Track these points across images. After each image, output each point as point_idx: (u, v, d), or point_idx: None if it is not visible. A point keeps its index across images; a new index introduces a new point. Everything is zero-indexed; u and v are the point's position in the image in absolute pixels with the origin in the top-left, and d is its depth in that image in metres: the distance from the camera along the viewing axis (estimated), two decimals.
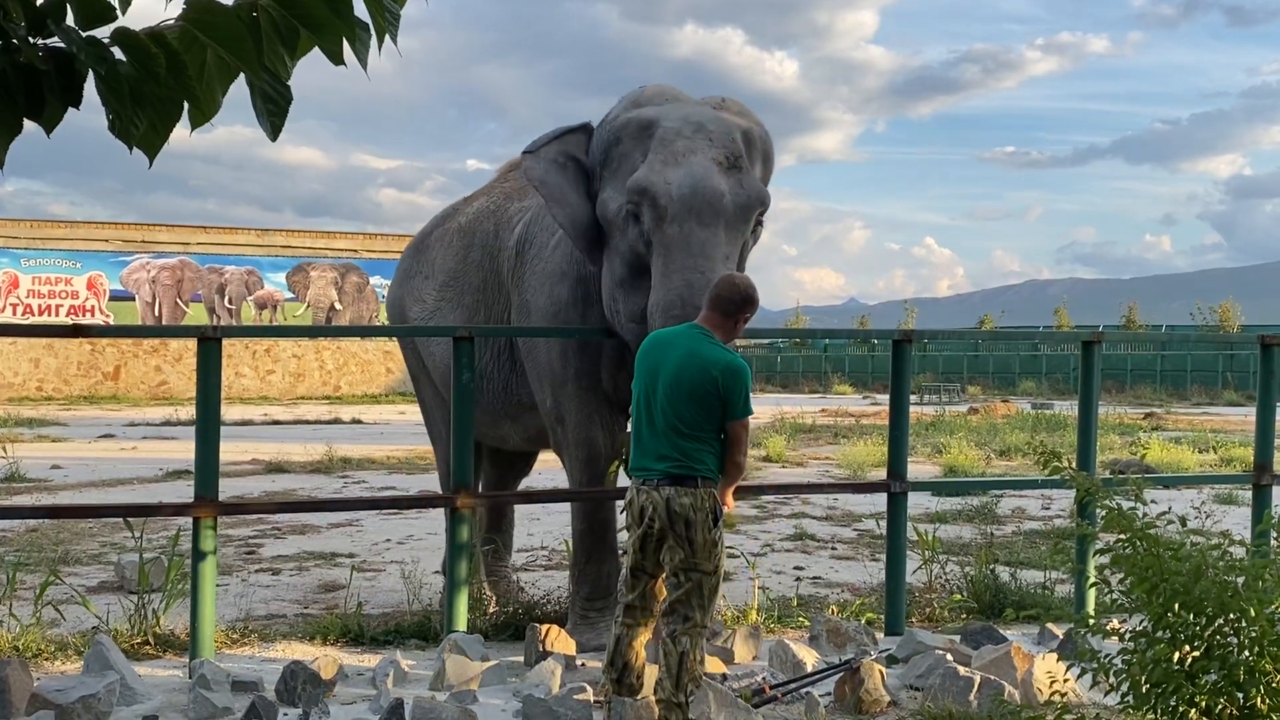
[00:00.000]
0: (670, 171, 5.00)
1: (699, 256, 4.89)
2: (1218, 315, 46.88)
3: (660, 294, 4.90)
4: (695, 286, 4.79)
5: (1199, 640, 3.51)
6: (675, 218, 4.93)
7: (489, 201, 6.59)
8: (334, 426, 23.46)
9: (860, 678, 4.79)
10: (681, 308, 4.77)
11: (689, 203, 4.92)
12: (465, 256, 6.51)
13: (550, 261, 5.83)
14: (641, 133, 5.26)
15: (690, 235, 4.91)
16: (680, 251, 4.91)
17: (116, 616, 5.93)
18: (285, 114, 2.29)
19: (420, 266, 7.01)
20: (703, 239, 4.92)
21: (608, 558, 5.83)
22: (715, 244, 4.94)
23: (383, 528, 9.84)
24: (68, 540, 8.93)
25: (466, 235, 6.56)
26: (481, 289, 6.38)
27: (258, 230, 38.90)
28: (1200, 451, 16.28)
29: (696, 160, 5.04)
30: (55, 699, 4.39)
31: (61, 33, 2.13)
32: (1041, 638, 5.93)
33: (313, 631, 5.98)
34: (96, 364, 35.86)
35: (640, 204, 5.02)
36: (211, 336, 5.39)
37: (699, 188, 4.95)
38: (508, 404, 6.32)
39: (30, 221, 36.66)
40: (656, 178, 4.99)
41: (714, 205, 4.96)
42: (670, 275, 4.89)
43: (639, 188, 5.02)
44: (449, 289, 6.60)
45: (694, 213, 4.93)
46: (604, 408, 5.78)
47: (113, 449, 17.53)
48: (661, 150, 5.10)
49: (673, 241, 4.93)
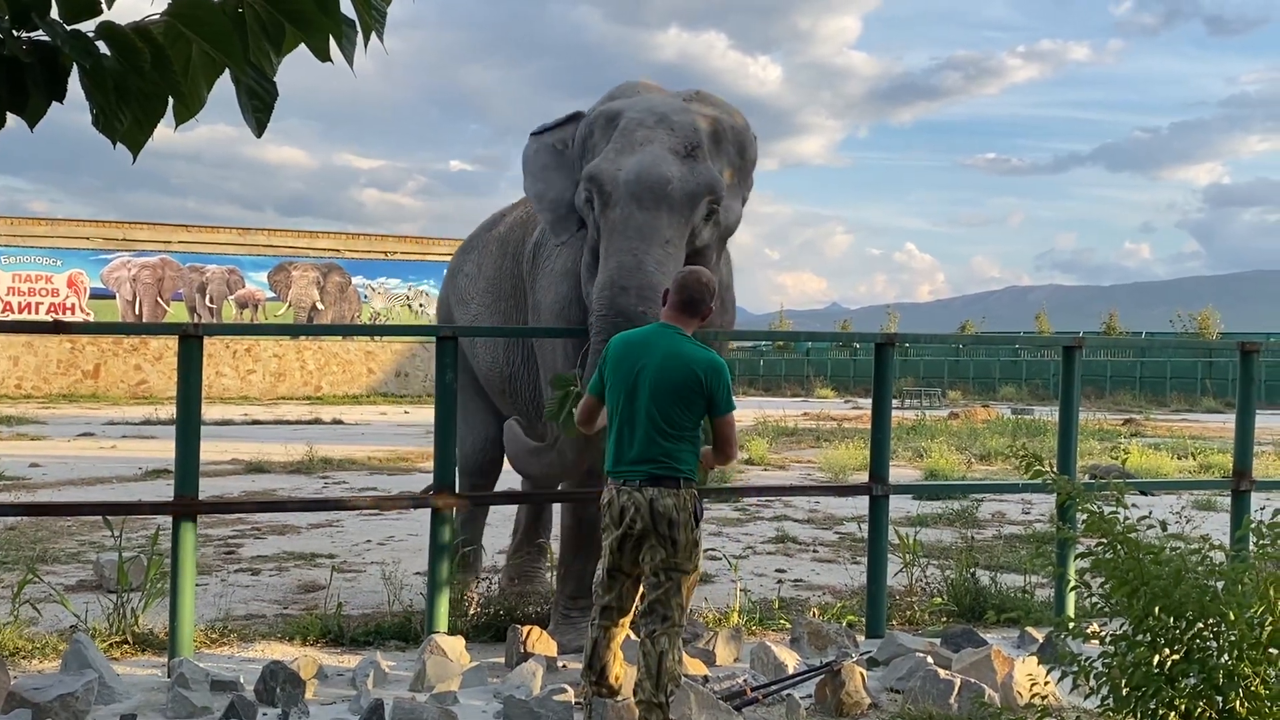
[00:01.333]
0: (623, 159, 5.13)
1: (635, 239, 4.99)
2: (1197, 322, 47.13)
3: (599, 275, 5.04)
4: (625, 267, 4.92)
5: (1179, 644, 3.53)
6: (618, 202, 5.05)
7: (523, 211, 6.72)
8: (315, 427, 23.38)
9: (841, 680, 4.79)
10: (610, 288, 4.91)
11: (631, 188, 5.04)
12: (500, 265, 6.66)
13: (556, 261, 5.93)
14: (608, 124, 5.40)
15: (630, 218, 5.03)
16: (619, 234, 5.02)
17: (95, 615, 5.90)
18: (270, 110, 2.28)
19: (464, 266, 7.15)
20: (641, 222, 5.02)
21: (594, 557, 5.83)
22: (654, 228, 5.02)
23: (363, 528, 9.82)
24: (46, 538, 8.87)
25: (502, 244, 6.71)
26: (513, 294, 6.51)
27: (239, 229, 38.75)
28: (1179, 458, 16.36)
29: (651, 149, 5.15)
30: (33, 697, 4.37)
31: (46, 26, 2.11)
32: (1022, 641, 5.95)
33: (292, 631, 5.96)
34: (76, 362, 35.66)
35: (591, 191, 5.16)
36: (193, 334, 5.36)
37: (644, 174, 5.05)
38: (537, 404, 6.35)
39: (10, 219, 36.44)
40: (608, 165, 5.13)
41: (656, 190, 5.04)
42: (608, 257, 5.02)
43: (590, 175, 5.17)
44: (489, 295, 6.75)
45: (635, 197, 5.04)
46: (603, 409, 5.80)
47: (92, 447, 17.44)
48: (620, 139, 5.24)
49: (614, 225, 5.05)
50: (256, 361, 37.67)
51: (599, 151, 5.33)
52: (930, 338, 19.38)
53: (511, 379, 6.43)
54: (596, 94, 6.26)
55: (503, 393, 6.62)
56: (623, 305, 4.87)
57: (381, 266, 39.29)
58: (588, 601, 5.78)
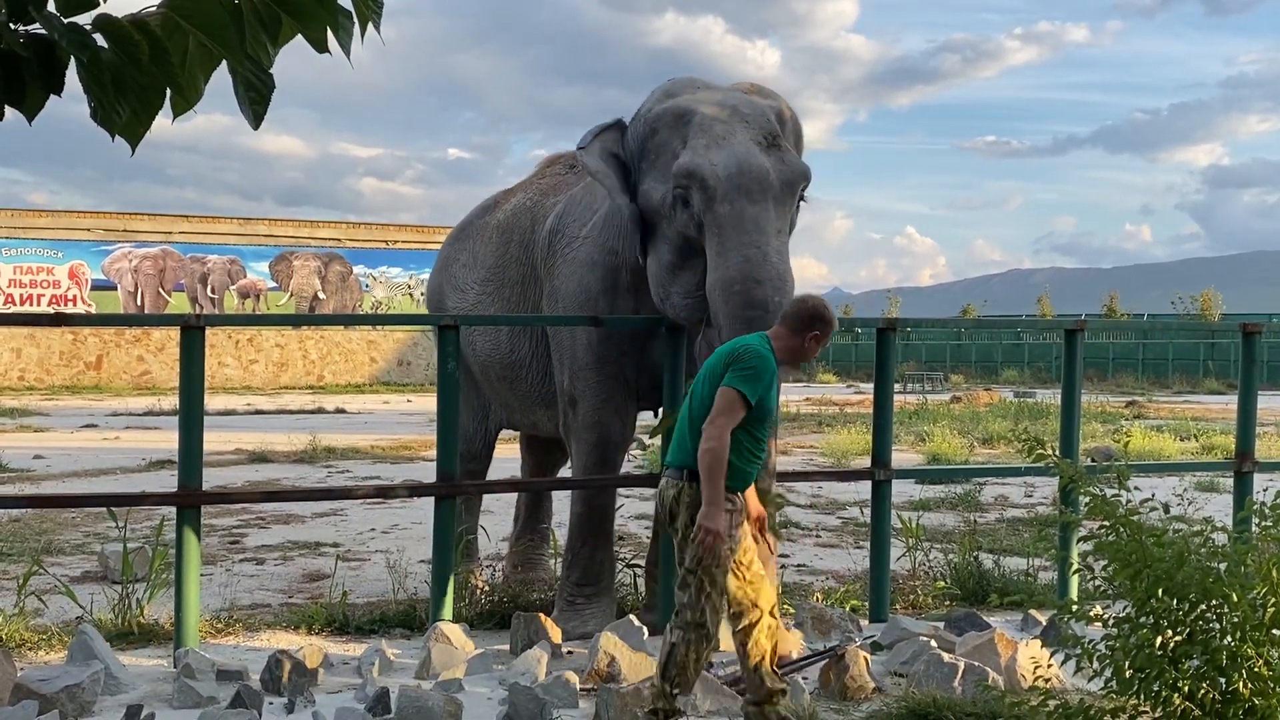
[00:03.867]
0: (713, 153, 5.08)
1: (753, 232, 4.98)
2: (1199, 304, 47.11)
3: (720, 272, 4.96)
4: (753, 261, 4.90)
5: (1181, 626, 3.54)
6: (725, 197, 5.01)
7: (526, 198, 6.68)
8: (318, 416, 23.39)
9: (845, 664, 4.81)
10: (742, 282, 4.87)
11: (736, 181, 5.01)
12: (504, 252, 6.60)
13: (581, 251, 5.91)
14: (678, 121, 5.33)
15: (742, 212, 5.00)
16: (733, 229, 4.98)
17: (100, 606, 5.91)
18: (268, 102, 2.28)
19: (459, 255, 7.09)
20: (754, 214, 5.01)
21: (603, 544, 5.86)
22: (766, 219, 5.03)
23: (367, 517, 9.83)
24: (51, 530, 8.89)
25: (505, 231, 6.65)
26: (520, 283, 6.46)
27: (240, 219, 38.72)
28: (1182, 439, 16.36)
29: (737, 141, 5.14)
30: (39, 689, 4.38)
31: (43, 19, 2.11)
32: (1025, 624, 5.96)
33: (297, 621, 5.97)
34: (79, 354, 35.67)
35: (689, 187, 5.08)
36: (195, 325, 5.37)
37: (744, 166, 5.04)
38: (544, 392, 6.39)
39: (11, 211, 36.42)
40: (701, 160, 5.07)
41: (761, 182, 5.05)
42: (727, 253, 4.95)
43: (685, 171, 5.08)
44: (489, 284, 6.68)
45: (742, 190, 5.01)
46: (620, 394, 5.88)
47: (95, 439, 17.46)
48: (701, 135, 5.18)
49: (725, 220, 5.00)
50: (259, 351, 37.66)
51: (670, 148, 5.28)
52: (931, 323, 19.37)
53: (515, 366, 6.42)
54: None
55: (503, 379, 6.60)
56: (759, 297, 4.85)
57: (383, 256, 39.26)
58: (594, 589, 5.81)
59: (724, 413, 4.06)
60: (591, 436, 5.85)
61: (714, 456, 4.03)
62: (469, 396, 6.98)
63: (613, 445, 5.90)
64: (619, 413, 5.88)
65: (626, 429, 5.99)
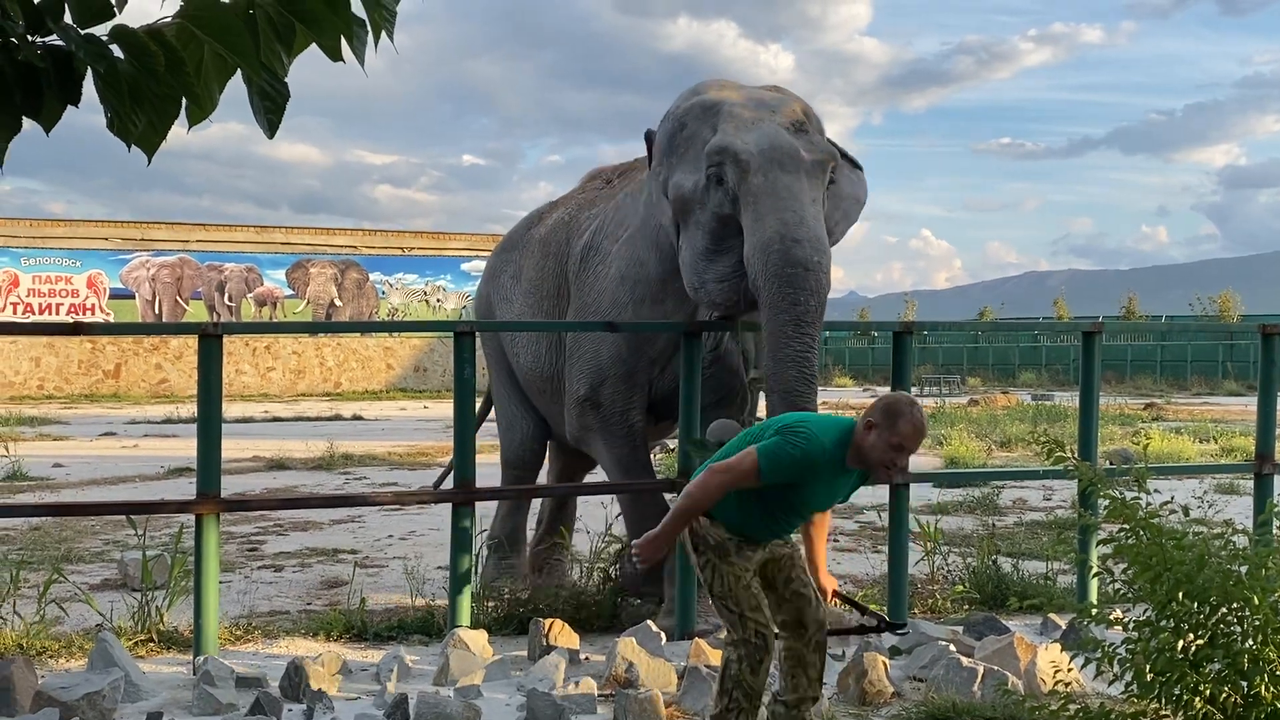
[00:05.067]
0: (745, 134, 5.19)
1: (788, 199, 5.05)
2: (1217, 305, 46.88)
3: (757, 236, 5.01)
4: (790, 223, 4.96)
5: (1202, 629, 3.52)
6: (759, 169, 5.09)
7: (565, 213, 6.78)
8: (335, 423, 23.45)
9: (864, 668, 4.79)
10: (781, 241, 4.92)
11: (769, 154, 5.11)
12: (543, 265, 6.70)
13: (612, 267, 6.01)
14: (706, 113, 5.44)
15: (776, 181, 5.08)
16: (768, 197, 5.05)
17: (120, 614, 5.94)
18: (283, 111, 2.29)
19: (506, 267, 7.19)
20: (788, 183, 5.09)
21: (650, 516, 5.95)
22: (800, 188, 5.10)
23: (385, 523, 9.85)
24: (71, 538, 8.93)
25: (544, 246, 6.75)
26: (556, 295, 6.56)
27: (257, 227, 38.85)
28: (1201, 442, 16.27)
29: (766, 124, 5.25)
30: (60, 696, 4.40)
31: (60, 30, 2.12)
32: (1044, 628, 5.93)
33: (316, 627, 5.98)
34: (97, 362, 35.84)
35: (722, 164, 5.15)
36: (212, 333, 5.38)
37: (775, 142, 5.16)
38: None
39: (30, 220, 36.64)
40: (733, 138, 5.17)
41: (792, 156, 5.14)
42: (764, 218, 5.02)
43: (719, 148, 5.16)
44: (531, 296, 6.80)
45: (775, 163, 5.10)
46: (643, 400, 6.02)
47: (114, 447, 17.53)
48: (731, 120, 5.29)
49: (760, 190, 5.07)
50: (276, 359, 37.79)
51: (700, 138, 5.36)
52: (947, 326, 19.33)
53: (552, 379, 6.50)
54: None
55: (543, 393, 6.68)
56: (798, 255, 4.90)
57: (399, 262, 39.36)
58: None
59: (730, 469, 3.88)
60: (622, 432, 6.02)
61: (691, 502, 3.91)
62: (516, 405, 7.10)
63: (640, 443, 6.09)
64: (642, 411, 6.05)
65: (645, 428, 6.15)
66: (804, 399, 4.94)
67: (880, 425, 3.76)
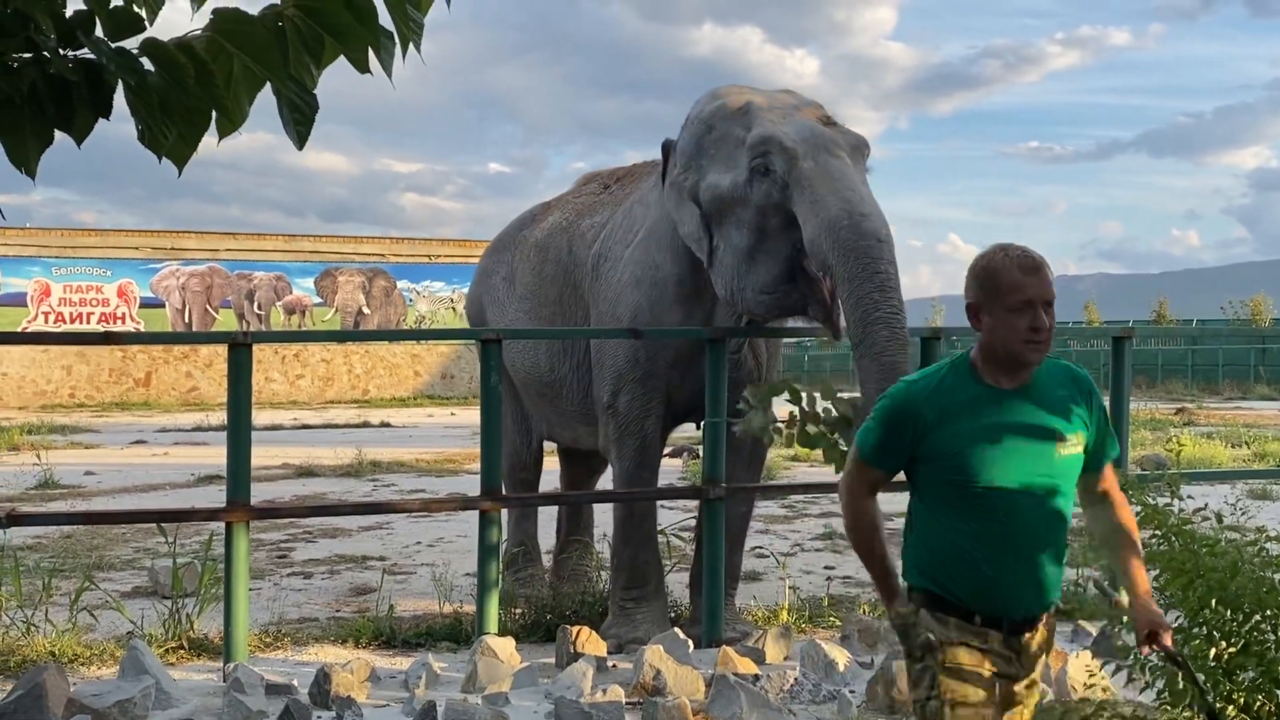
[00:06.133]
0: (783, 126, 5.21)
1: (843, 179, 5.04)
2: (1249, 309, 46.46)
3: (820, 217, 4.96)
4: (853, 201, 4.94)
5: (1235, 636, 3.49)
6: (807, 154, 5.09)
7: (561, 217, 6.75)
8: (363, 430, 23.53)
9: (892, 677, 4.77)
10: (849, 217, 4.89)
11: (813, 141, 5.12)
12: (540, 271, 6.66)
13: (625, 272, 5.98)
14: (736, 113, 5.43)
15: (828, 164, 5.08)
16: (823, 180, 5.03)
17: (151, 621, 5.98)
18: (311, 122, 2.31)
19: (498, 269, 7.17)
20: (839, 166, 5.10)
21: (645, 545, 5.89)
22: (851, 171, 5.12)
23: (413, 530, 9.88)
24: (102, 546, 9.00)
25: (541, 251, 6.71)
26: (558, 302, 6.52)
27: (285, 236, 39.08)
28: (1233, 446, 16.12)
29: (799, 117, 5.30)
30: (92, 703, 4.43)
31: (91, 44, 2.15)
32: (1075, 635, 5.89)
33: (345, 634, 6.01)
34: (128, 370, 36.10)
35: (768, 153, 5.14)
36: (242, 342, 5.42)
37: (816, 129, 5.20)
38: (585, 409, 6.44)
39: (61, 230, 36.98)
40: (775, 129, 5.18)
41: (835, 142, 5.18)
42: (823, 199, 4.98)
43: (762, 138, 5.16)
44: (527, 301, 6.76)
45: (821, 148, 5.12)
46: (661, 406, 5.94)
47: (145, 455, 17.64)
48: (765, 115, 5.30)
49: (813, 174, 5.05)
50: (305, 366, 37.97)
51: (734, 137, 5.36)
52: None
53: (556, 385, 6.46)
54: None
55: (542, 396, 6.65)
56: (869, 228, 4.89)
57: (426, 270, 39.49)
58: (641, 592, 5.83)
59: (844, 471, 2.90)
60: (634, 442, 5.92)
61: (846, 527, 2.88)
62: (513, 409, 7.04)
63: (652, 450, 5.98)
64: (659, 419, 5.96)
65: (665, 436, 6.12)
66: (896, 359, 4.80)
67: (985, 298, 2.66)
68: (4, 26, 2.13)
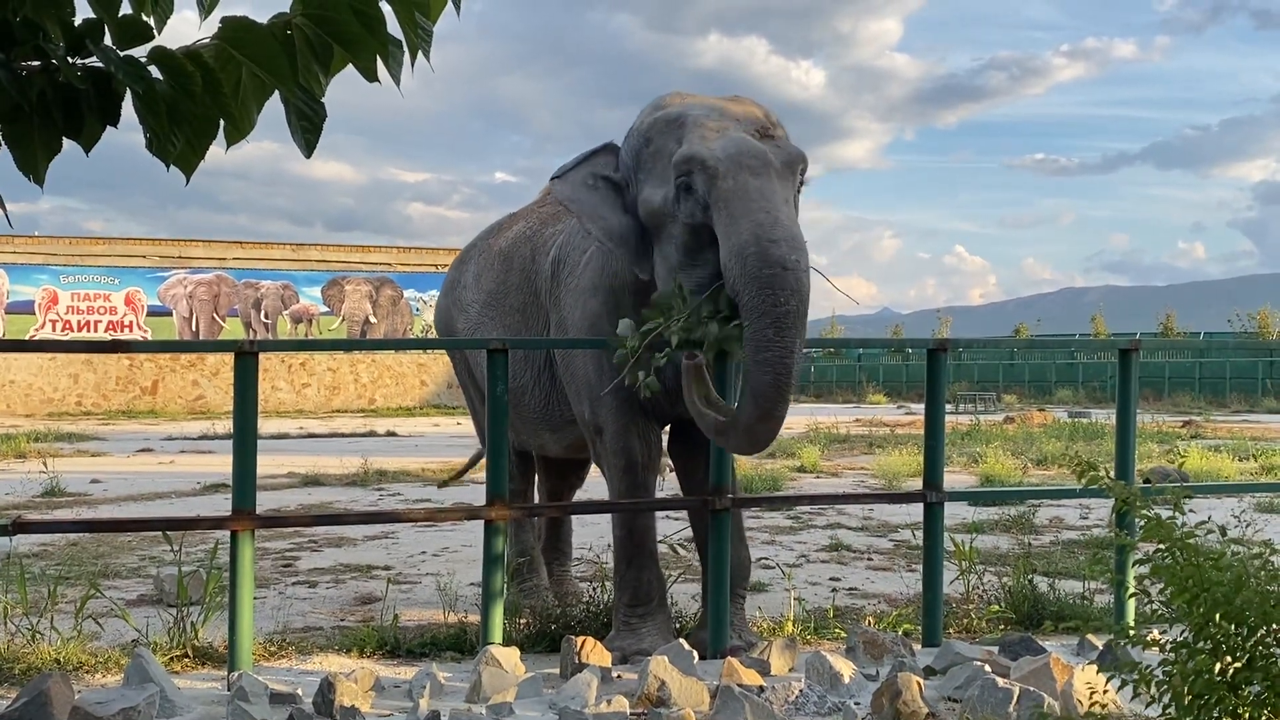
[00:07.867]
0: (711, 142, 5.11)
1: (759, 200, 4.94)
2: (1256, 322, 46.41)
3: (731, 241, 4.90)
4: (764, 224, 4.84)
5: (1241, 651, 3.47)
6: (727, 173, 5.00)
7: (526, 226, 6.75)
8: (369, 439, 23.56)
9: (897, 689, 4.76)
10: (756, 243, 4.79)
11: (737, 159, 5.01)
12: (504, 279, 6.67)
13: (582, 278, 5.93)
14: (670, 125, 5.34)
15: (746, 184, 4.97)
16: (740, 200, 4.95)
17: (155, 629, 5.98)
18: (320, 131, 2.31)
19: (463, 277, 7.21)
20: (759, 186, 4.98)
21: (648, 564, 5.86)
22: (771, 190, 5.00)
23: (418, 539, 9.88)
24: (107, 554, 9.01)
25: (505, 259, 6.72)
26: (521, 310, 6.53)
27: (293, 245, 39.21)
28: (1240, 460, 16.09)
29: (732, 132, 5.17)
30: (96, 711, 4.43)
31: (99, 52, 2.15)
32: (1081, 649, 5.87)
33: (349, 643, 6.00)
34: (134, 379, 36.20)
35: (690, 172, 5.07)
36: (248, 350, 5.42)
37: (742, 147, 5.06)
38: (547, 417, 6.47)
39: (69, 239, 37.14)
40: (700, 146, 5.09)
41: (761, 159, 5.05)
42: (736, 221, 4.91)
43: (685, 157, 5.08)
44: (490, 309, 6.76)
45: (744, 166, 5.01)
46: (640, 418, 5.85)
47: (151, 463, 17.67)
48: (696, 130, 5.21)
49: (730, 194, 4.97)
50: (311, 375, 38.05)
51: (666, 151, 5.29)
52: (983, 343, 19.15)
53: (517, 393, 6.45)
54: (637, 101, 6.29)
55: (512, 406, 6.64)
56: (776, 255, 4.77)
57: (433, 279, 39.55)
58: (646, 609, 5.81)
59: None
60: (619, 462, 5.85)
61: None
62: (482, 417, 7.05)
63: (640, 467, 5.88)
64: (640, 435, 5.87)
65: (652, 449, 5.96)
66: (774, 406, 4.79)
67: None
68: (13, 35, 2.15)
